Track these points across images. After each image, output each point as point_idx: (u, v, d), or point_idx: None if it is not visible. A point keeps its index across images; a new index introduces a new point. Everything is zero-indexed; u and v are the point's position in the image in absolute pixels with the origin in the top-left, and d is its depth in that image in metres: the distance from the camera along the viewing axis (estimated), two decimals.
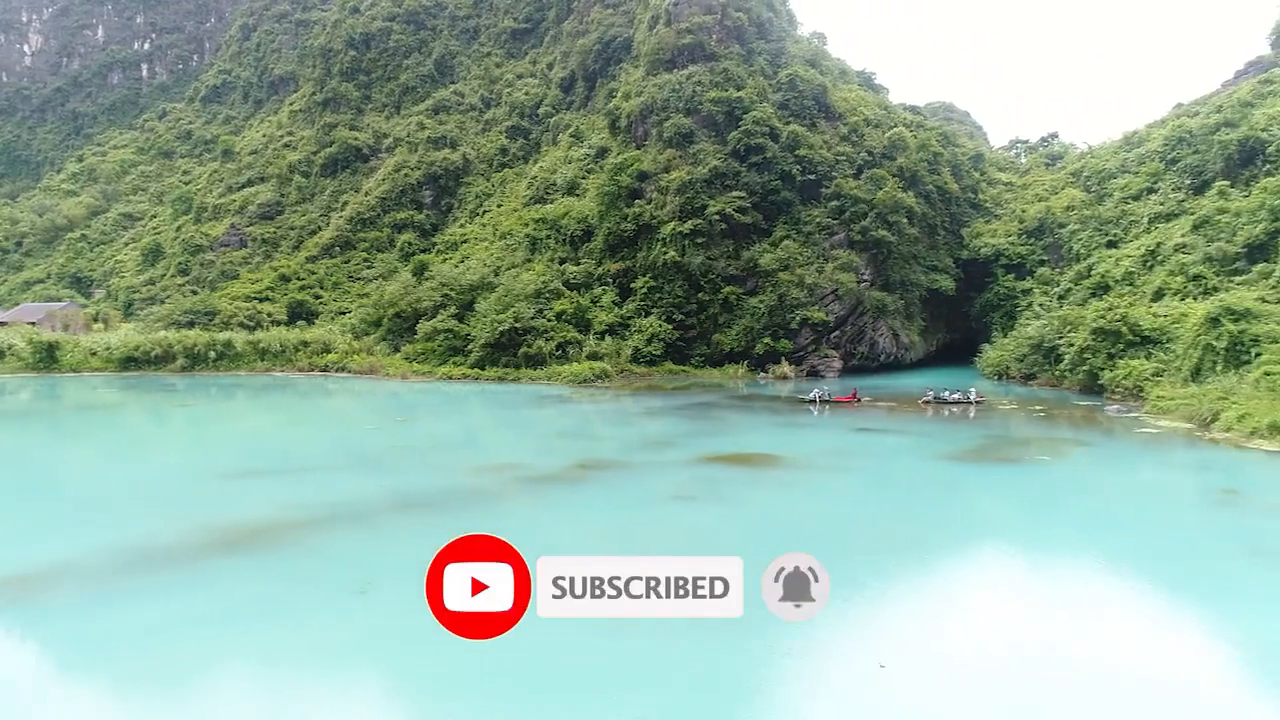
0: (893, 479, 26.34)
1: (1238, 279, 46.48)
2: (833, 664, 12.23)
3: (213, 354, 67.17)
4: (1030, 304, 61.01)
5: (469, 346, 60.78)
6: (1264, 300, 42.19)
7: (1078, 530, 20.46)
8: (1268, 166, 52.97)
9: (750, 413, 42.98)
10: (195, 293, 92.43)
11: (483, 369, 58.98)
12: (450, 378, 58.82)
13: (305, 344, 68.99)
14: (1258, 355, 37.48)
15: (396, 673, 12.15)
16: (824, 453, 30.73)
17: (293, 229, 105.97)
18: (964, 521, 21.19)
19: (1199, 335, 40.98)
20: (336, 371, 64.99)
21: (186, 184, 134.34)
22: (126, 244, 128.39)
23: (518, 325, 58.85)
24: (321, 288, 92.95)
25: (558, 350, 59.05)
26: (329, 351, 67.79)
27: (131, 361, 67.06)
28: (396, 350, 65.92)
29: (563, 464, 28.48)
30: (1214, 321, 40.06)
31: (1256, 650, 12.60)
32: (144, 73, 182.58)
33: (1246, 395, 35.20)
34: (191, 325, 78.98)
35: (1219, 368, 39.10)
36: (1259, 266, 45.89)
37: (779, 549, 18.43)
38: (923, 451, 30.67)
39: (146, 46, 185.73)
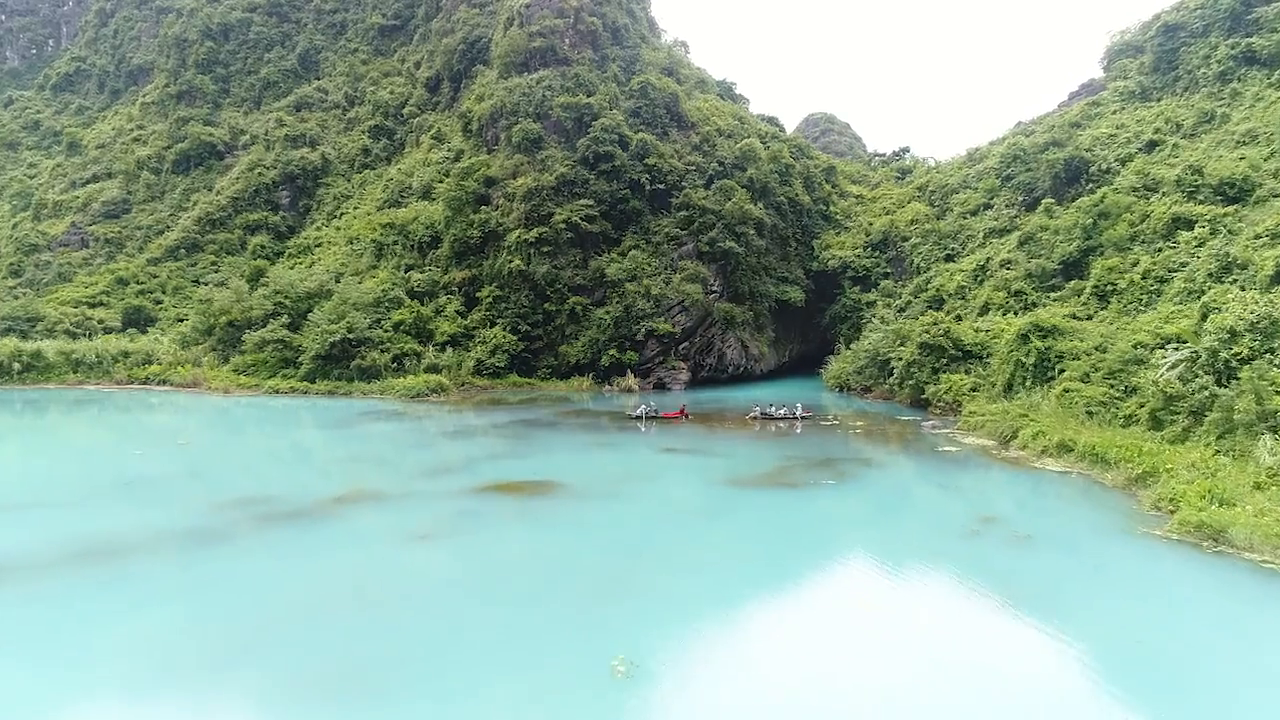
0: (662, 508, 25.11)
1: (1053, 295, 47.57)
2: None
3: (18, 365, 61.49)
4: (873, 317, 61.43)
5: (301, 358, 57.51)
6: (1074, 317, 43.15)
7: (809, 565, 19.64)
8: (1090, 185, 54.63)
9: (571, 431, 41.40)
10: (18, 298, 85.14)
11: (313, 382, 55.82)
12: (278, 391, 55.39)
13: (126, 355, 63.93)
14: (1061, 371, 38.17)
15: None
16: (612, 478, 29.36)
17: (139, 229, 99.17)
18: (696, 558, 19.95)
19: (1011, 351, 41.62)
20: (158, 385, 60.41)
21: (30, 178, 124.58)
22: None
23: (351, 336, 55.93)
24: (163, 292, 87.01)
25: (394, 362, 56.39)
26: (151, 363, 63.06)
27: None
28: (227, 361, 61.76)
29: (322, 496, 26.21)
30: (1024, 338, 40.68)
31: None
32: None
33: (1046, 412, 35.79)
34: (9, 333, 72.46)
35: (1028, 383, 39.71)
36: (1072, 283, 47.04)
37: (472, 597, 16.71)
38: (712, 475, 29.61)
39: None
